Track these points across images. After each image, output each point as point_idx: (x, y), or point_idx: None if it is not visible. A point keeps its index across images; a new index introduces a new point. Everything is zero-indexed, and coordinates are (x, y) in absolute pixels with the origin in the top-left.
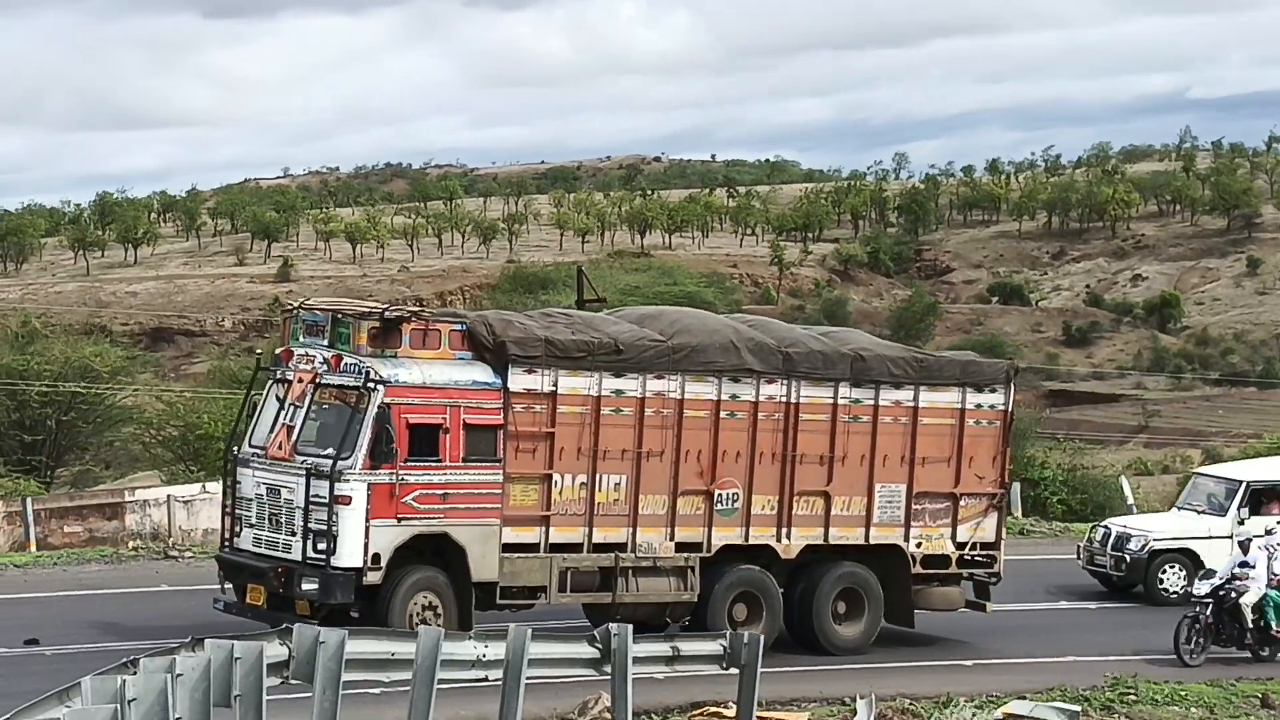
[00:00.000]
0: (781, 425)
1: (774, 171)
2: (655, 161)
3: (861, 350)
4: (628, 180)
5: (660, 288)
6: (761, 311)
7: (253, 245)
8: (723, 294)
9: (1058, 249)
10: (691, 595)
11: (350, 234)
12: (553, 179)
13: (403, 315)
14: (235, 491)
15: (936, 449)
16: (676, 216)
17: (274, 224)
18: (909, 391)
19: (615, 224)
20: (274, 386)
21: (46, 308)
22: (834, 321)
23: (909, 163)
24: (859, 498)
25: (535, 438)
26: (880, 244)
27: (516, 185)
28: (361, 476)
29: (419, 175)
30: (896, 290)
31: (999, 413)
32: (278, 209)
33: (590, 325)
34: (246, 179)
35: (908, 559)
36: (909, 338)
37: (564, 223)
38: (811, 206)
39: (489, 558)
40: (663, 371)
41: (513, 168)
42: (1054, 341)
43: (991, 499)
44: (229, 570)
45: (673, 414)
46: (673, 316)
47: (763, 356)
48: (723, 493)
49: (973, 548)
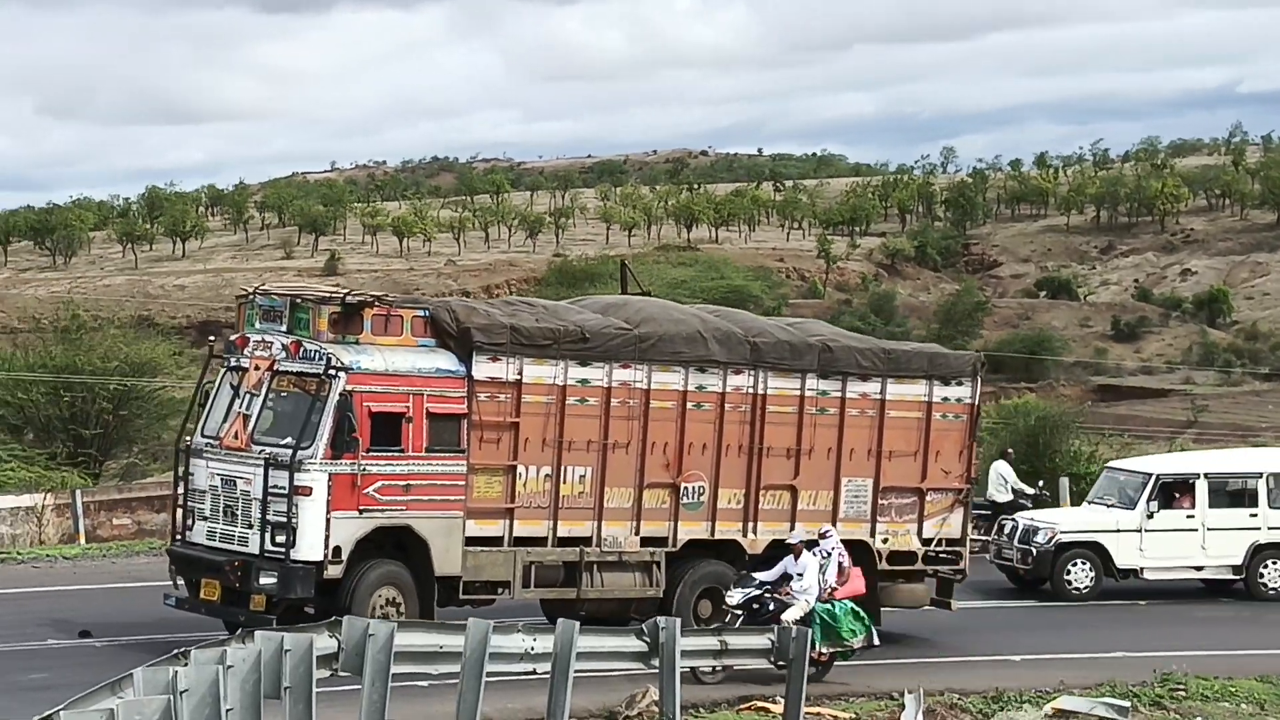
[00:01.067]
0: (748, 417)
1: (821, 165)
2: (702, 155)
3: (829, 341)
4: (674, 174)
5: (706, 282)
6: (808, 306)
7: (300, 239)
8: (769, 288)
9: (1106, 243)
10: (657, 591)
11: (397, 228)
12: (599, 173)
13: (364, 300)
14: (188, 483)
15: (903, 443)
16: (723, 210)
17: (321, 218)
18: (876, 384)
19: (661, 218)
20: (227, 374)
21: (95, 301)
22: (881, 316)
23: (956, 157)
24: (825, 492)
25: (499, 428)
26: (927, 238)
27: (563, 179)
28: (322, 466)
29: (466, 169)
30: (944, 284)
31: (966, 406)
32: (325, 203)
33: (555, 313)
34: (294, 173)
35: (874, 555)
36: (956, 332)
37: (610, 217)
38: (858, 200)
39: (452, 551)
40: (629, 361)
41: (559, 162)
42: (1102, 336)
43: (958, 494)
44: (181, 565)
45: (639, 405)
46: (637, 305)
47: (729, 346)
48: (689, 486)
49: (938, 544)
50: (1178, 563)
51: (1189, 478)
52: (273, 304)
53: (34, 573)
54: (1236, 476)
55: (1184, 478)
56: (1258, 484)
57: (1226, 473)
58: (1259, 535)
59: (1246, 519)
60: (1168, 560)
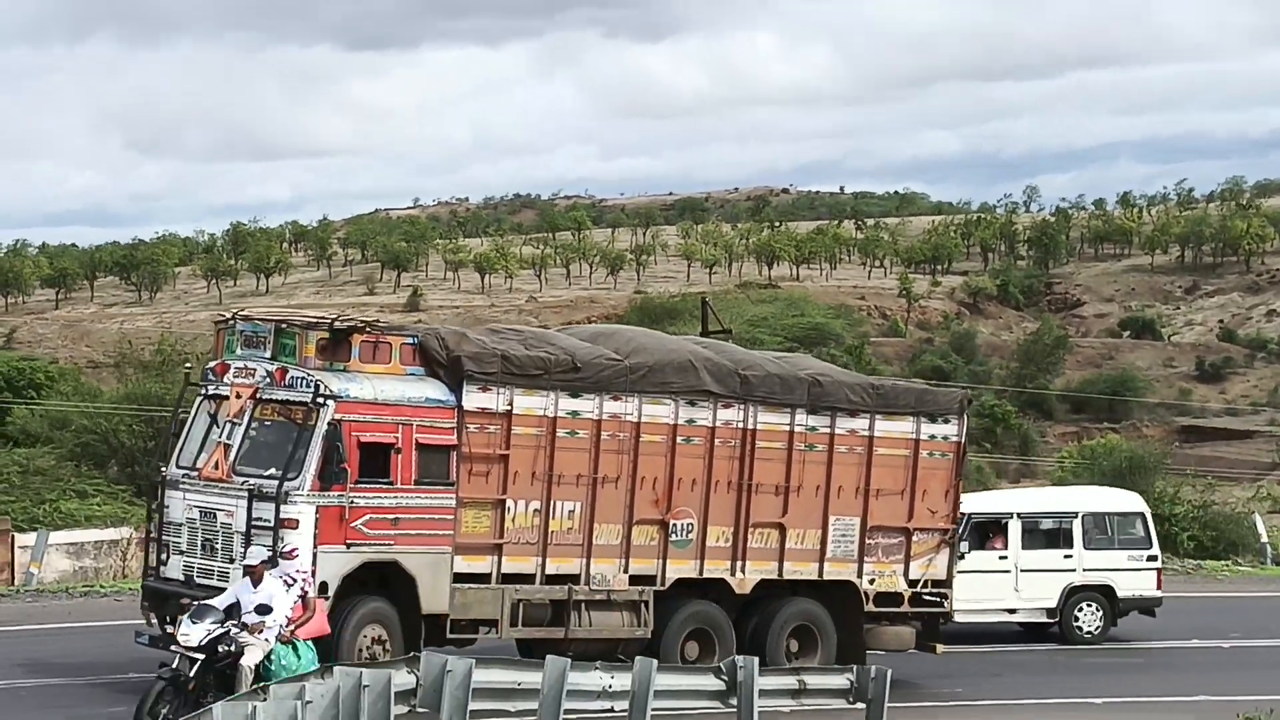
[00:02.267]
0: (737, 452)
1: (903, 203)
2: (783, 193)
3: (819, 375)
4: (755, 211)
5: (787, 320)
6: (889, 344)
7: (383, 275)
8: (850, 326)
9: (1190, 283)
10: (645, 631)
11: (479, 264)
12: (680, 210)
13: (354, 326)
14: (162, 516)
15: (890, 481)
16: (804, 248)
17: (404, 254)
18: (865, 420)
19: (742, 255)
20: (204, 403)
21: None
22: (963, 355)
23: (1039, 195)
24: (814, 530)
25: (489, 460)
26: (1010, 277)
27: (644, 216)
28: (310, 498)
29: (548, 206)
30: (1026, 323)
31: (952, 444)
32: (408, 239)
33: (545, 341)
34: (377, 209)
35: (861, 596)
36: (1037, 371)
37: (691, 254)
38: (940, 239)
39: (440, 588)
40: (619, 392)
41: (640, 199)
42: (1186, 376)
43: (943, 535)
44: (157, 601)
45: (629, 438)
46: (628, 334)
47: (720, 378)
48: (678, 523)
49: (924, 585)
50: (990, 605)
51: (1002, 518)
52: (255, 329)
53: (117, 606)
54: (1050, 516)
55: (997, 517)
56: (1072, 524)
57: (1040, 512)
58: (1074, 577)
59: (1061, 560)
60: (980, 603)
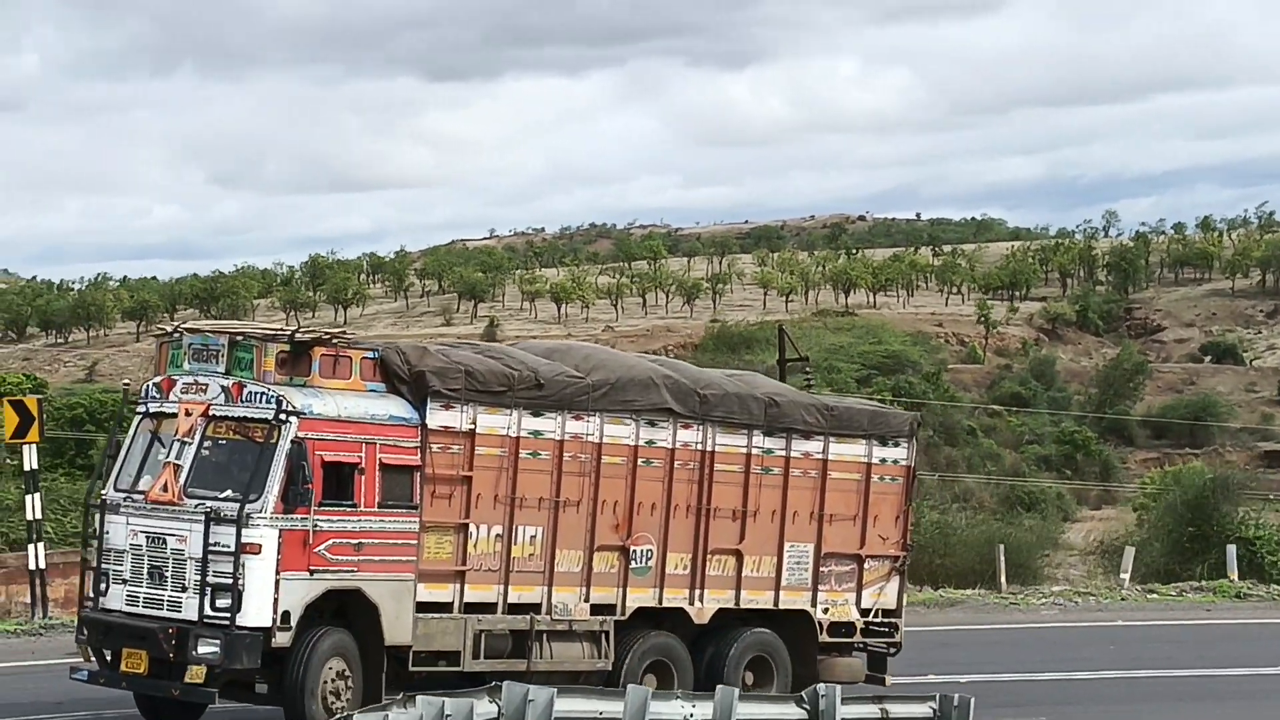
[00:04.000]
0: (696, 475)
1: (980, 229)
2: (859, 220)
3: (775, 395)
4: (832, 239)
5: (865, 347)
6: (967, 371)
7: (459, 305)
8: (928, 353)
9: (1272, 307)
10: (606, 663)
11: (555, 294)
12: (756, 238)
13: (317, 337)
14: (101, 543)
15: (843, 506)
16: (881, 275)
17: (480, 284)
18: (819, 442)
19: (819, 283)
20: (144, 421)
21: None
22: (1042, 381)
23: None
24: (769, 557)
25: (452, 482)
26: (1089, 302)
27: (720, 245)
28: (272, 521)
29: (623, 236)
30: (1105, 349)
31: (903, 468)
32: (484, 269)
33: (504, 356)
34: (454, 240)
35: (815, 626)
36: (1117, 397)
37: (767, 282)
38: (1018, 264)
39: (403, 618)
40: (581, 411)
41: (716, 227)
42: (1269, 401)
43: (894, 562)
44: (98, 634)
45: (590, 459)
46: (584, 351)
47: (680, 397)
48: (638, 549)
49: (875, 615)
50: None
51: None
52: (206, 342)
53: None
54: None
55: None
56: None
57: None
58: None
59: None
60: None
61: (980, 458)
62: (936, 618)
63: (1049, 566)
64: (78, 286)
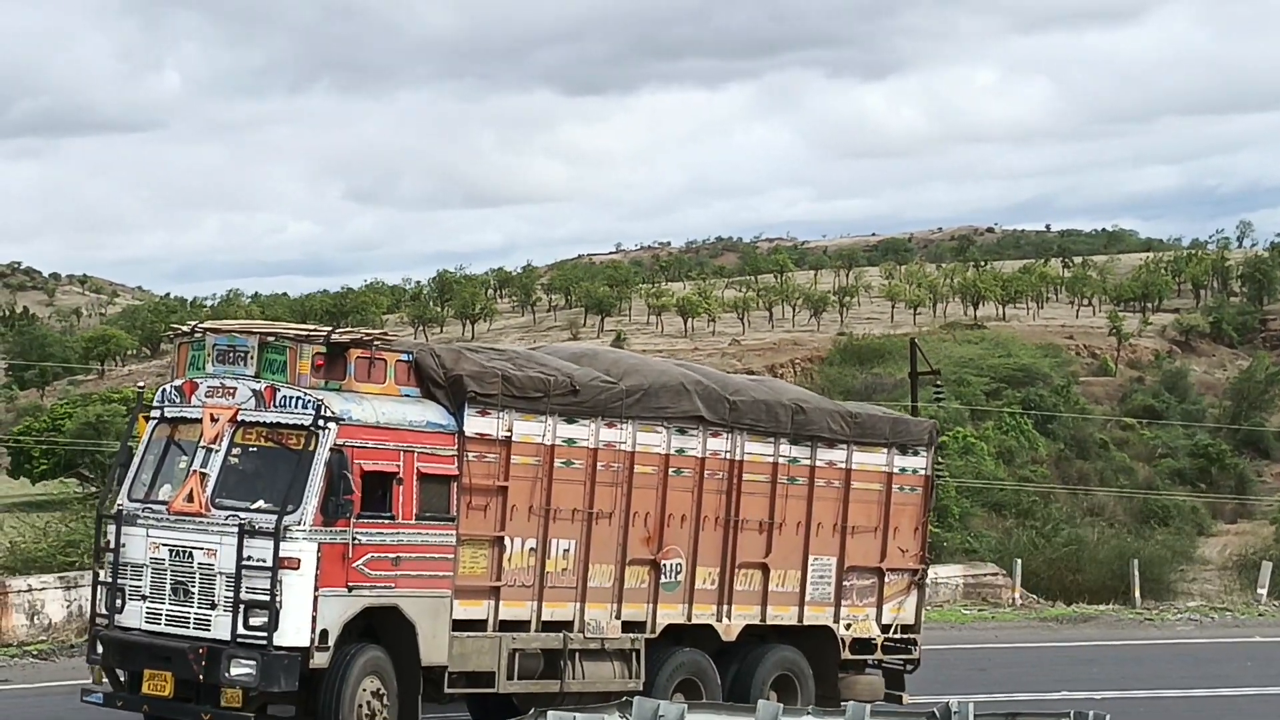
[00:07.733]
0: (724, 485)
1: (1111, 241)
2: (988, 232)
3: (801, 402)
4: (960, 251)
5: (994, 360)
6: (1098, 384)
7: (586, 319)
8: (1058, 366)
9: None
10: (637, 684)
11: (682, 308)
12: (884, 251)
13: (357, 338)
14: (117, 556)
15: (864, 518)
16: (1010, 288)
17: (607, 299)
18: (842, 451)
19: (947, 296)
20: (159, 427)
21: None
22: (1175, 393)
23: (1253, 230)
24: (794, 571)
25: (488, 492)
26: (1223, 314)
27: (847, 258)
28: (312, 535)
29: (749, 249)
30: (1240, 361)
31: (922, 478)
32: (610, 284)
33: (536, 361)
34: (580, 254)
35: (838, 642)
36: (1252, 409)
37: (895, 295)
38: (1150, 276)
39: (439, 636)
40: (614, 418)
41: (843, 240)
42: None
43: (913, 576)
44: (116, 653)
45: (623, 469)
46: (612, 356)
47: (711, 404)
48: (668, 563)
49: (894, 630)
50: None
51: None
52: (233, 343)
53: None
54: None
55: None
56: None
57: None
58: None
59: None
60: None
61: (1113, 471)
62: (1070, 633)
63: (1184, 582)
64: (210, 303)
